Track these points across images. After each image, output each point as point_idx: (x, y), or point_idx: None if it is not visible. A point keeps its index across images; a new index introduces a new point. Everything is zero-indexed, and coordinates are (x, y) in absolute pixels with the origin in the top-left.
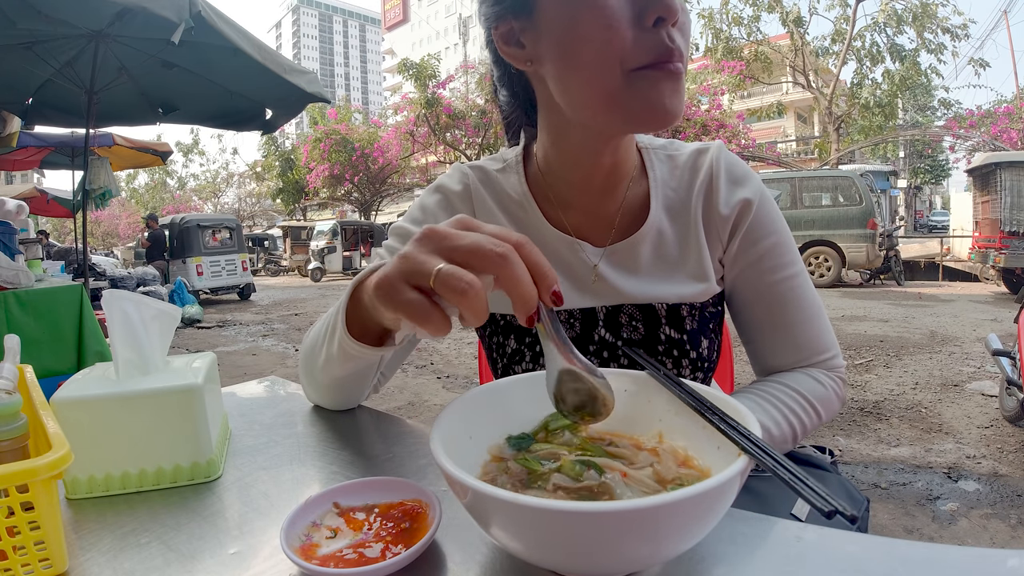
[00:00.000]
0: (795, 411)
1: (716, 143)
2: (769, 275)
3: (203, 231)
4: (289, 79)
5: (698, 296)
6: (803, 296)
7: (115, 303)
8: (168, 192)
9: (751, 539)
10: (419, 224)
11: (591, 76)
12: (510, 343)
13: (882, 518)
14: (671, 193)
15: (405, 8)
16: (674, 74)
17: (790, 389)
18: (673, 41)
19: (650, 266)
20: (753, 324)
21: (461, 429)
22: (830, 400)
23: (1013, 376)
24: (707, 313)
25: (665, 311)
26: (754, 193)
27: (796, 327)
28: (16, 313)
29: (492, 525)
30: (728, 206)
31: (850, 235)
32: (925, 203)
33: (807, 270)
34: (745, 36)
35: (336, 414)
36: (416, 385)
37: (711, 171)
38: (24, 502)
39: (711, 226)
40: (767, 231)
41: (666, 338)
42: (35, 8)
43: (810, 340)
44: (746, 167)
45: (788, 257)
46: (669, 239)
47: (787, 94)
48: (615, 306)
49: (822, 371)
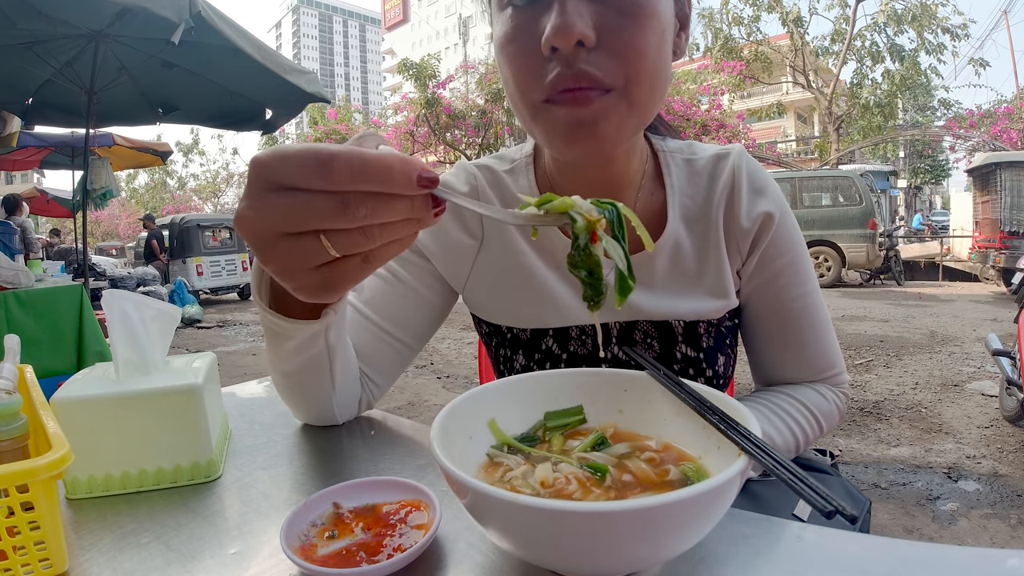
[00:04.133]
0: (799, 422)
1: (737, 147)
2: (784, 292)
3: (203, 231)
4: (289, 79)
5: (716, 312)
6: (816, 314)
7: (115, 303)
8: (168, 192)
9: (751, 539)
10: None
11: (513, 107)
12: (518, 358)
13: (882, 518)
14: (688, 201)
15: (405, 8)
16: (579, 102)
17: (795, 400)
18: (573, 66)
19: (667, 280)
20: (762, 339)
21: (461, 429)
22: (832, 414)
23: (1013, 376)
24: (723, 328)
25: (682, 328)
26: (775, 206)
27: (807, 345)
28: (16, 313)
29: (492, 525)
30: (750, 219)
31: (850, 235)
32: (925, 203)
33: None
34: (745, 36)
35: None
36: (416, 385)
37: (733, 179)
38: (24, 502)
39: (731, 238)
40: (786, 247)
41: (682, 356)
42: (35, 8)
43: (819, 358)
44: (766, 175)
45: (804, 274)
46: (687, 251)
47: (787, 94)
48: (629, 322)
49: (827, 386)
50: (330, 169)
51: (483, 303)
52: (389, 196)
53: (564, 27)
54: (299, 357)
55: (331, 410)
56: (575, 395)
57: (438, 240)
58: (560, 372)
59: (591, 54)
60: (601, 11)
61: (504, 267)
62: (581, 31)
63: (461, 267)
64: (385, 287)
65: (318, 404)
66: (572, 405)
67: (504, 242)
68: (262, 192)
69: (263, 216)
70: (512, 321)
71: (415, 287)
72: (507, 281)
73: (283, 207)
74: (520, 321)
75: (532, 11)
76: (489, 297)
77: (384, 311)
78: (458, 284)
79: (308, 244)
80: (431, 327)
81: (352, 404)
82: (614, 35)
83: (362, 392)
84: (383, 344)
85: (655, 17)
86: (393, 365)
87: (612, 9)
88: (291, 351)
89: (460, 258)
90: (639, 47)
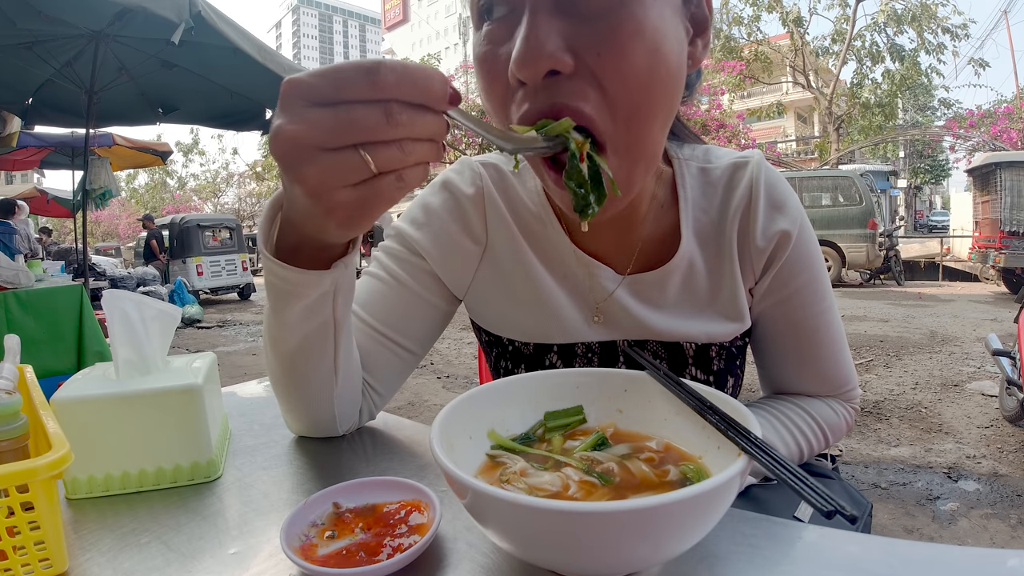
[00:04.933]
0: (804, 432)
1: (756, 155)
2: (799, 311)
3: (203, 231)
4: None
5: (729, 335)
6: (831, 331)
7: (115, 303)
8: (168, 192)
9: (751, 539)
10: (421, 226)
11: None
12: (520, 371)
13: (882, 518)
14: (703, 216)
15: (405, 8)
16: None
17: (802, 411)
18: (548, 101)
19: (678, 300)
20: (776, 355)
21: (461, 429)
22: (840, 428)
23: (1013, 376)
24: (734, 349)
25: (693, 351)
26: (793, 223)
27: (821, 362)
28: (16, 313)
29: (492, 525)
30: (765, 237)
31: (850, 235)
32: (925, 203)
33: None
34: (745, 36)
35: None
36: (416, 385)
37: (750, 193)
38: (24, 502)
39: (745, 256)
40: (802, 266)
41: (691, 379)
42: (35, 8)
43: (833, 375)
44: (787, 187)
45: (820, 292)
46: (700, 271)
47: (787, 94)
48: (639, 342)
49: (838, 401)
50: (376, 76)
51: (485, 311)
52: (424, 109)
53: (528, 55)
54: (305, 326)
55: (330, 411)
56: (575, 395)
57: (439, 242)
58: (560, 372)
59: (568, 81)
60: (578, 27)
61: (508, 275)
62: (552, 57)
63: (463, 272)
64: (385, 291)
65: (318, 403)
66: (572, 405)
67: (509, 249)
68: (301, 108)
69: (303, 130)
70: (515, 333)
71: (415, 290)
72: (511, 290)
73: (325, 119)
74: (523, 334)
75: (505, 26)
76: (491, 305)
77: (384, 316)
78: (459, 290)
79: (348, 159)
80: (433, 332)
81: (353, 410)
82: (595, 57)
83: (363, 401)
84: (383, 350)
85: (644, 26)
86: (395, 372)
87: (588, 22)
88: (298, 317)
89: (463, 263)
90: (624, 72)
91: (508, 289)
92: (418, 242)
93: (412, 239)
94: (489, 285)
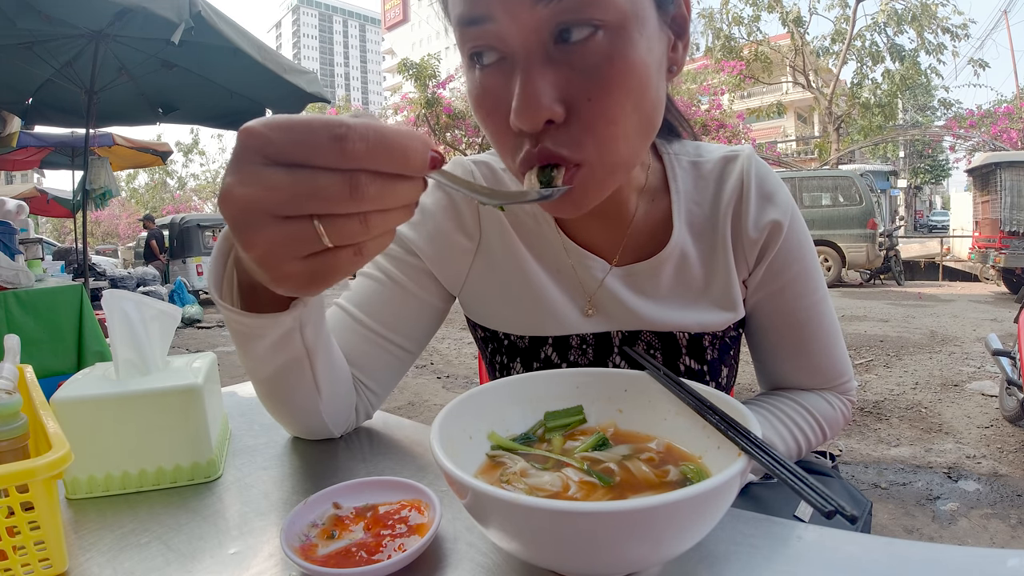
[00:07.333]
0: (802, 428)
1: (746, 149)
2: (793, 302)
3: (203, 231)
4: (289, 79)
5: (722, 325)
6: (825, 322)
7: (115, 303)
8: (168, 192)
9: (752, 539)
10: (415, 225)
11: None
12: (516, 366)
13: (882, 518)
14: (695, 208)
15: (405, 8)
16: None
17: (798, 405)
18: (540, 143)
19: (671, 290)
20: (770, 347)
21: (461, 429)
22: (836, 420)
23: (1013, 376)
24: (728, 339)
25: (686, 340)
26: (784, 214)
27: (815, 354)
28: (16, 313)
29: (492, 525)
30: (757, 228)
31: (850, 235)
32: (925, 203)
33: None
34: (745, 36)
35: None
36: (416, 385)
37: (741, 185)
38: (24, 502)
39: (739, 247)
40: (794, 257)
41: (685, 368)
42: (35, 8)
43: (828, 367)
44: (776, 179)
45: (814, 283)
46: (693, 261)
47: (787, 94)
48: (632, 332)
49: (834, 393)
50: (345, 143)
51: (480, 307)
52: (397, 178)
53: (527, 109)
54: (275, 360)
55: (320, 421)
56: (575, 395)
57: (434, 241)
58: (560, 372)
59: (560, 130)
60: (569, 77)
61: (502, 271)
62: (548, 110)
63: (458, 269)
64: (378, 289)
65: (305, 414)
66: (572, 405)
67: (502, 244)
68: (255, 166)
69: (255, 194)
70: (510, 327)
71: (410, 288)
72: (505, 285)
73: (282, 184)
74: (518, 328)
75: (499, 73)
76: (486, 301)
77: (377, 314)
78: (454, 287)
79: (300, 229)
80: (428, 330)
81: (347, 414)
82: (586, 104)
83: (359, 401)
84: (378, 349)
85: (633, 69)
86: (390, 371)
87: (579, 72)
88: (265, 353)
89: (457, 260)
90: (612, 115)
91: (502, 284)
92: (413, 241)
93: (407, 238)
94: (483, 281)
